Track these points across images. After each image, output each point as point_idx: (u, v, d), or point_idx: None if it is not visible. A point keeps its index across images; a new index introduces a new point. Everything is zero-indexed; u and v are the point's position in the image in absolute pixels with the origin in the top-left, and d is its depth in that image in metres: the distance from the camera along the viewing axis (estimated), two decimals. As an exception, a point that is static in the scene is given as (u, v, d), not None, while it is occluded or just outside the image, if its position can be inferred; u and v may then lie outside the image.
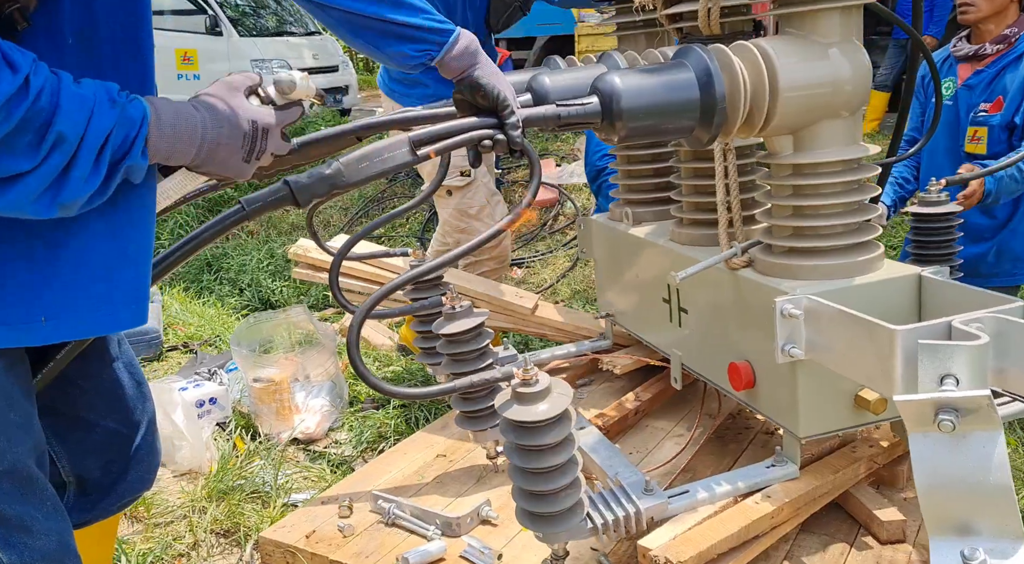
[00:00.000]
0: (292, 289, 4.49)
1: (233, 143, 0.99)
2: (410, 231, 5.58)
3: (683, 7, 1.76)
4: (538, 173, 1.36)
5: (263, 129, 1.02)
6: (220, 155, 0.99)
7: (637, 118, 1.38)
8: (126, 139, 0.89)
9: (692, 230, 1.85)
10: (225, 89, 1.02)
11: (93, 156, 0.87)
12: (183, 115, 0.95)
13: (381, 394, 1.39)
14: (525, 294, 2.42)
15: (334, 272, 1.74)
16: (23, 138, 0.82)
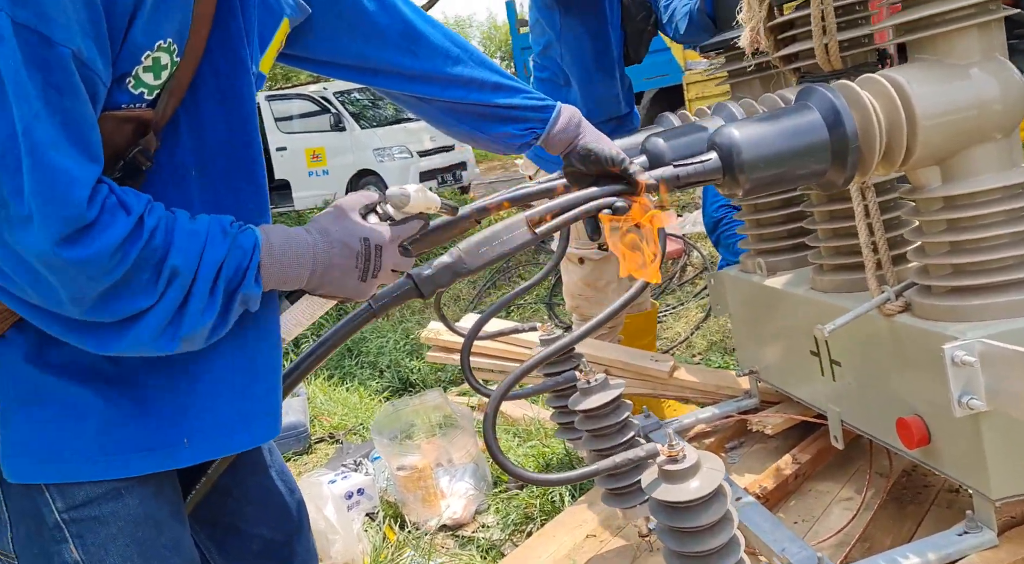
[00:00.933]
0: (430, 368, 4.56)
1: (346, 263, 0.99)
2: (538, 297, 5.59)
3: (798, 47, 1.69)
4: (663, 238, 1.30)
5: (376, 246, 1.01)
6: (334, 276, 0.99)
7: (761, 169, 1.30)
8: (239, 268, 0.91)
9: (835, 276, 1.72)
10: (338, 211, 1.03)
11: (208, 287, 0.88)
12: (294, 239, 0.96)
13: (525, 481, 1.34)
14: (661, 357, 2.33)
15: (465, 356, 1.73)
16: (141, 276, 0.84)
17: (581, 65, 2.42)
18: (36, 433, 0.92)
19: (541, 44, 2.52)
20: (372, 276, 1.01)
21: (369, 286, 1.02)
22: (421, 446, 2.42)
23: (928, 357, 1.38)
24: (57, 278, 0.81)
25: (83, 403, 0.92)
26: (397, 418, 2.51)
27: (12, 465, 0.93)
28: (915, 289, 1.46)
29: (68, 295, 0.82)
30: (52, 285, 0.81)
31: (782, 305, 1.90)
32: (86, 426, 0.92)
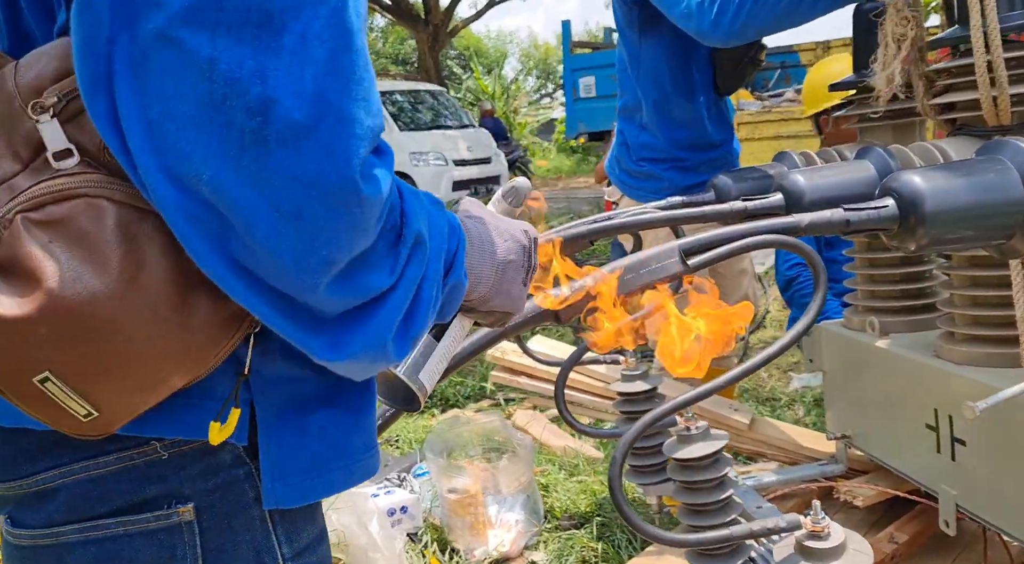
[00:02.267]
0: (450, 382, 4.43)
1: (517, 259, 0.79)
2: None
3: (958, 96, 1.56)
4: (824, 283, 1.17)
5: (534, 239, 0.82)
6: (509, 276, 0.78)
7: (944, 225, 1.18)
8: (449, 250, 0.69)
9: (970, 347, 1.58)
10: (472, 204, 0.83)
11: (441, 266, 0.67)
12: (481, 228, 0.77)
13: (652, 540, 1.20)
14: (741, 407, 2.19)
15: (560, 387, 1.60)
16: (380, 243, 0.61)
17: (658, 87, 2.31)
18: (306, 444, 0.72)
19: (622, 64, 2.42)
20: (530, 278, 0.81)
21: (525, 294, 0.82)
22: (472, 469, 2.29)
23: (1095, 453, 1.24)
24: (331, 219, 0.56)
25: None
26: (451, 436, 2.38)
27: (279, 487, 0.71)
28: (1084, 374, 1.32)
29: (326, 254, 0.57)
30: (299, 234, 0.56)
31: (897, 370, 1.76)
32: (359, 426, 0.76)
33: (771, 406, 3.75)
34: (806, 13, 1.86)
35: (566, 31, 10.90)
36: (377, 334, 0.63)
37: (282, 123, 0.53)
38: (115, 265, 0.57)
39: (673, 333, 1.06)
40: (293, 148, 0.54)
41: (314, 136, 0.54)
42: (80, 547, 0.67)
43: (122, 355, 0.58)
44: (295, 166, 0.54)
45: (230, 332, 0.63)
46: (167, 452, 0.67)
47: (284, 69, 0.53)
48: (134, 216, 0.58)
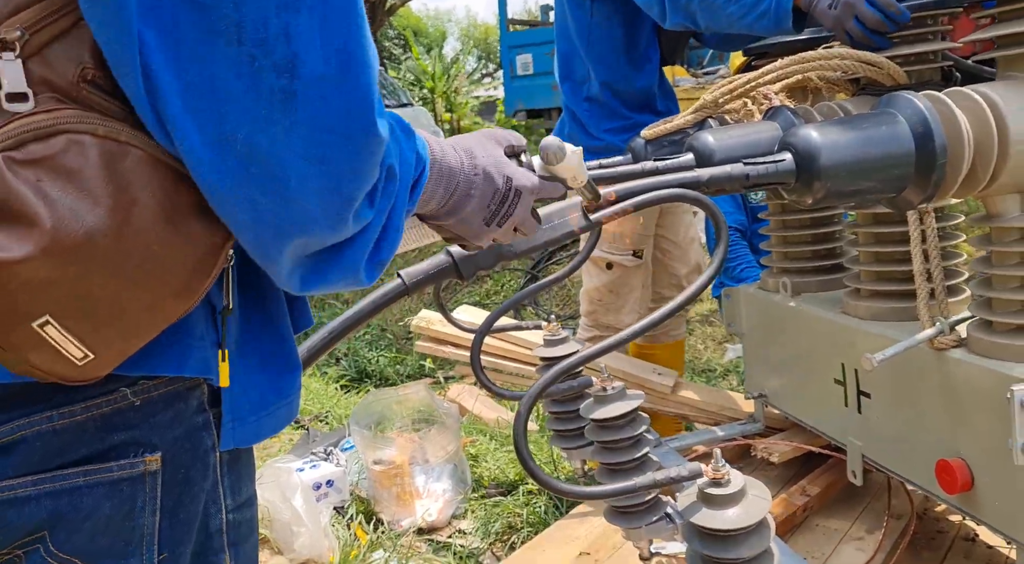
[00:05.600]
0: (388, 360, 4.41)
1: (484, 197, 0.82)
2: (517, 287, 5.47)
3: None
4: (725, 237, 1.18)
5: (516, 191, 0.85)
6: (466, 208, 0.81)
7: (839, 178, 1.20)
8: (415, 179, 0.73)
9: (873, 302, 1.63)
10: (487, 139, 0.86)
11: (407, 195, 0.70)
12: (448, 152, 0.80)
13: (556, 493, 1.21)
14: (664, 371, 2.22)
15: (475, 351, 1.59)
16: (378, 166, 0.64)
17: (610, 58, 2.29)
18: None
19: (567, 41, 2.39)
20: (498, 224, 0.85)
21: (489, 233, 0.86)
22: (399, 440, 2.27)
23: (984, 397, 1.29)
24: (356, 161, 0.60)
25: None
26: (377, 408, 2.36)
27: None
28: (974, 324, 1.37)
29: (349, 192, 0.61)
30: (325, 178, 0.59)
31: (807, 328, 1.81)
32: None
33: (707, 376, 3.82)
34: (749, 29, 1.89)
35: (502, 8, 10.83)
36: (353, 262, 0.66)
37: (310, 78, 0.56)
38: (107, 201, 0.55)
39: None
40: (321, 100, 0.57)
41: (340, 87, 0.58)
42: (32, 502, 0.63)
43: (120, 293, 0.58)
44: (325, 116, 0.58)
45: (212, 265, 0.63)
46: (138, 399, 0.65)
47: (305, 25, 0.56)
48: (117, 150, 0.57)
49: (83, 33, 0.56)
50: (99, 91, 0.57)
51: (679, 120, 1.77)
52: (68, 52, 0.56)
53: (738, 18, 1.84)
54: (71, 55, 0.56)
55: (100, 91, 0.57)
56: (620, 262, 2.34)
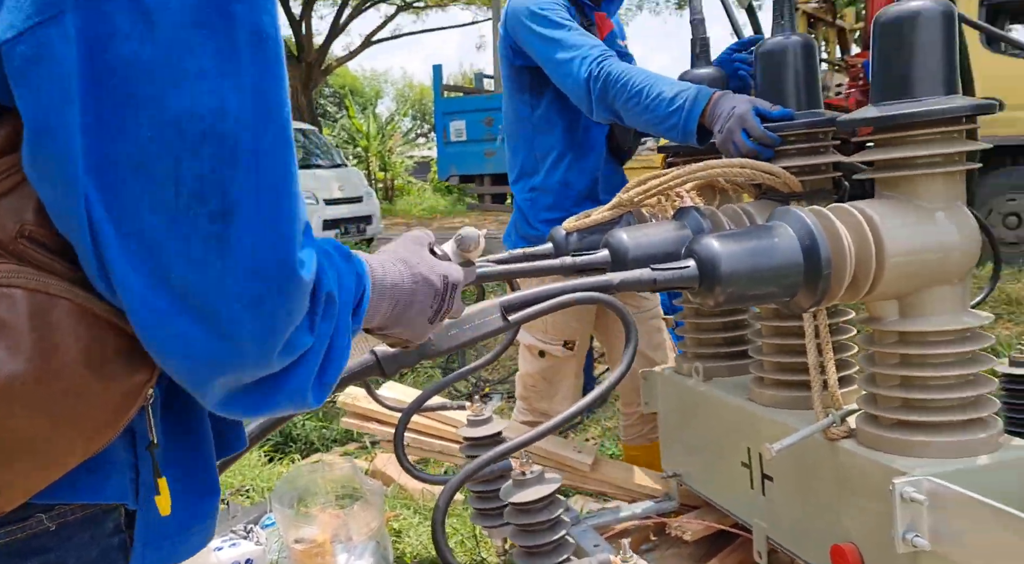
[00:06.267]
0: (314, 425, 4.36)
1: (425, 300, 0.89)
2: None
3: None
4: (634, 338, 1.28)
5: (452, 285, 0.93)
6: (411, 313, 0.88)
7: (737, 284, 1.31)
8: (356, 297, 0.78)
9: (775, 391, 1.74)
10: (413, 243, 0.94)
11: (349, 317, 0.75)
12: (388, 268, 0.86)
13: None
14: (584, 448, 2.29)
15: (399, 433, 1.63)
16: (308, 315, 0.69)
17: (551, 150, 2.37)
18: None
19: (512, 129, 2.46)
20: (439, 318, 0.92)
21: (432, 329, 0.93)
22: (321, 518, 2.26)
23: (871, 487, 1.40)
24: (284, 303, 0.64)
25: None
26: (299, 483, 2.34)
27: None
28: (861, 416, 1.49)
29: (282, 331, 0.65)
30: (259, 320, 0.63)
31: (717, 412, 1.91)
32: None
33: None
34: (663, 135, 2.04)
35: (437, 75, 11.08)
36: (298, 388, 0.70)
37: (243, 225, 0.61)
38: (30, 350, 0.59)
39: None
40: (253, 246, 0.62)
41: (269, 235, 0.62)
42: None
43: (39, 431, 0.60)
44: (258, 261, 0.62)
45: (132, 403, 0.66)
46: (54, 523, 0.67)
47: (242, 178, 0.61)
48: (47, 303, 0.60)
49: (25, 192, 0.61)
50: (36, 246, 0.61)
51: (597, 215, 1.88)
52: (9, 210, 0.61)
53: (652, 125, 1.98)
54: (12, 213, 0.61)
55: (37, 246, 0.61)
56: (551, 352, 2.40)
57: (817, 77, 1.77)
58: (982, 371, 1.39)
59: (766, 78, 1.76)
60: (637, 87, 1.97)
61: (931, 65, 1.32)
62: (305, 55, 17.51)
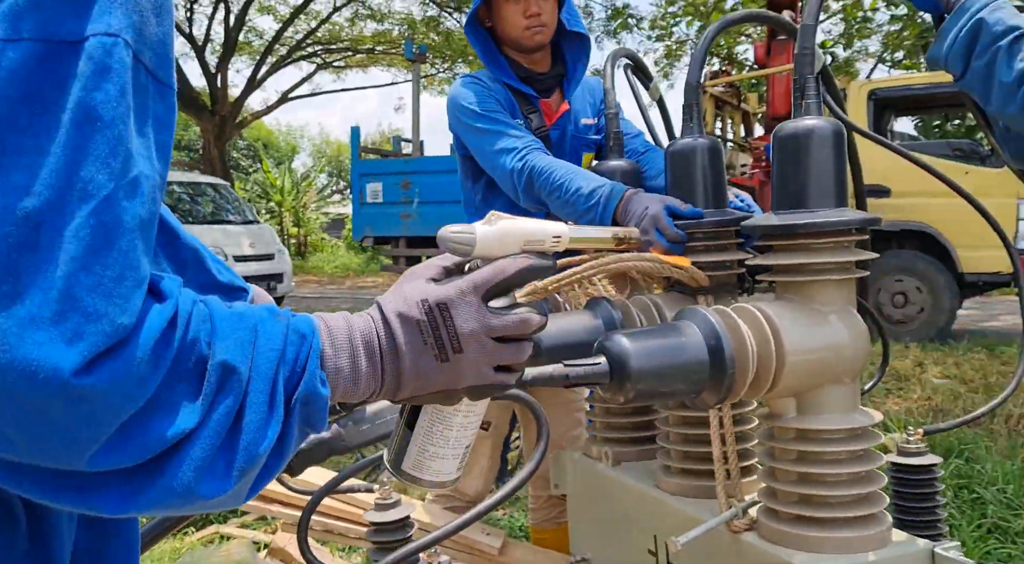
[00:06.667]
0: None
1: (412, 340, 0.74)
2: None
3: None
4: (546, 434, 1.29)
5: (439, 305, 0.75)
6: (406, 362, 0.74)
7: (646, 380, 1.35)
8: (297, 360, 0.68)
9: (681, 480, 1.78)
10: (404, 281, 0.79)
11: (268, 388, 0.65)
12: (354, 321, 0.74)
13: None
14: (493, 531, 2.27)
15: (304, 522, 1.58)
16: (178, 386, 0.61)
17: None
18: None
19: (463, 201, 2.53)
20: (454, 350, 0.74)
21: (459, 368, 0.75)
22: (214, 606, 2.15)
23: (771, 580, 1.43)
24: (64, 414, 0.55)
25: None
26: (193, 571, 2.23)
27: None
28: (762, 510, 1.53)
29: (70, 438, 0.56)
30: (45, 425, 0.55)
31: (625, 498, 1.93)
32: None
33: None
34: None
35: (355, 137, 11.11)
36: (178, 478, 0.61)
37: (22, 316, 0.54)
38: None
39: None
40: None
41: (45, 332, 0.55)
42: None
43: None
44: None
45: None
46: None
47: (38, 262, 0.55)
48: None
49: None
50: None
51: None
52: None
53: (573, 218, 2.05)
54: None
55: None
56: None
57: (723, 177, 1.87)
58: (873, 469, 1.46)
59: (675, 176, 1.85)
60: (558, 181, 2.06)
61: (823, 180, 1.42)
62: (219, 108, 17.28)
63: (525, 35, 2.29)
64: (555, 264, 0.89)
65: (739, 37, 15.93)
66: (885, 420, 5.16)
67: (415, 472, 0.85)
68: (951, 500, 3.76)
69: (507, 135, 2.22)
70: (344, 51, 21.44)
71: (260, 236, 11.58)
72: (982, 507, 3.71)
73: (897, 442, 1.98)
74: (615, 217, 1.93)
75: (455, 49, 19.05)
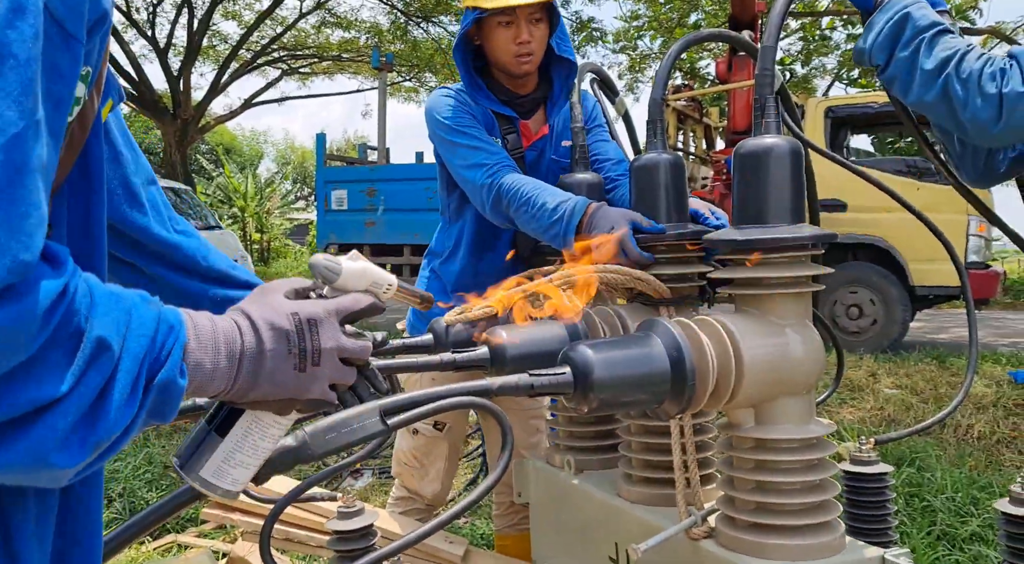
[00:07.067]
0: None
1: (277, 347, 0.80)
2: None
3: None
4: (510, 444, 1.31)
5: (308, 320, 0.82)
6: (267, 367, 0.80)
7: (609, 390, 1.38)
8: (163, 348, 0.71)
9: (642, 488, 1.81)
10: (259, 294, 0.86)
11: (136, 368, 0.68)
12: (218, 321, 0.79)
13: None
14: (456, 539, 2.28)
15: (267, 530, 1.58)
16: (55, 351, 0.63)
17: (467, 239, 2.45)
18: None
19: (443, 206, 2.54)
20: (313, 363, 0.82)
21: (311, 380, 0.83)
22: (172, 617, 2.12)
23: (728, 586, 1.47)
24: None
25: None
26: (151, 582, 2.19)
27: None
28: (720, 518, 1.57)
29: None
30: None
31: (586, 506, 1.96)
32: None
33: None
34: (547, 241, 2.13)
35: (320, 143, 11.05)
36: (39, 444, 0.62)
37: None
38: None
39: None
40: None
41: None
42: None
43: None
44: None
45: None
46: None
47: None
48: None
49: None
50: None
51: (478, 310, 1.92)
52: None
53: (539, 233, 2.08)
54: None
55: None
56: (422, 430, 2.41)
57: (685, 192, 1.91)
58: (827, 477, 1.50)
59: (639, 191, 1.89)
60: (525, 197, 2.09)
61: (781, 196, 1.47)
62: (181, 112, 17.04)
63: (513, 62, 2.30)
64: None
65: (701, 52, 16.19)
66: (839, 429, 5.28)
67: (214, 479, 0.87)
68: (902, 508, 3.86)
69: (479, 150, 2.25)
70: (310, 58, 21.30)
71: (222, 241, 11.42)
72: (932, 515, 3.81)
73: (850, 450, 2.04)
74: (579, 231, 1.96)
75: (422, 58, 19.03)
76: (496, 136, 2.36)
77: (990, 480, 4.19)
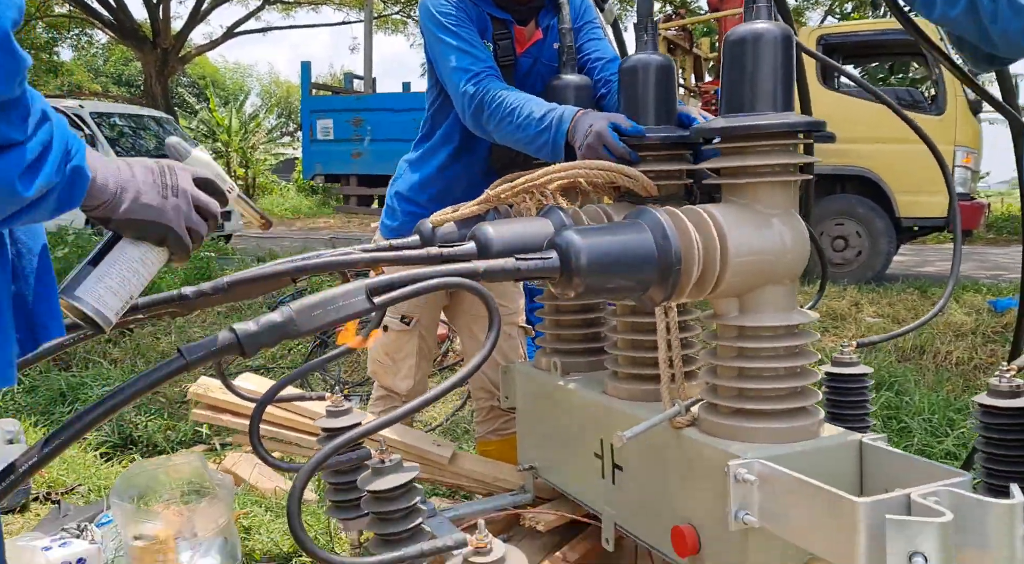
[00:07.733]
0: (157, 426, 4.16)
1: (146, 176, 1.06)
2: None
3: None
4: (497, 323, 1.31)
5: (168, 167, 1.10)
6: (137, 189, 1.04)
7: (595, 275, 1.38)
8: (75, 145, 0.94)
9: (629, 384, 1.84)
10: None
11: (64, 142, 0.91)
12: (103, 160, 1.02)
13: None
14: (443, 442, 2.31)
15: (255, 423, 1.60)
16: (19, 109, 0.85)
17: (450, 143, 2.42)
18: None
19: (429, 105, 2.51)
20: (173, 194, 1.07)
21: (173, 209, 1.07)
22: (164, 513, 2.16)
23: (709, 471, 1.50)
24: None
25: None
26: (141, 480, 2.23)
27: None
28: (703, 406, 1.59)
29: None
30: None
31: (573, 406, 1.98)
32: None
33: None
34: (533, 154, 2.10)
35: (305, 72, 10.82)
36: (7, 170, 0.84)
37: None
38: None
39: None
40: None
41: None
42: None
43: None
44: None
45: None
46: None
47: None
48: None
49: None
50: None
51: (465, 210, 1.91)
52: None
53: (524, 144, 2.05)
54: None
55: None
56: (391, 325, 2.45)
57: (674, 94, 1.89)
58: (807, 364, 1.52)
59: (627, 92, 1.86)
60: (510, 108, 2.05)
61: (770, 82, 1.45)
62: (161, 40, 16.60)
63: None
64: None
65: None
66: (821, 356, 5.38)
67: (83, 294, 1.03)
68: (880, 429, 3.95)
69: (467, 54, 2.19)
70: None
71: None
72: (909, 436, 3.90)
73: (832, 355, 2.07)
74: (570, 142, 1.94)
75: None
76: (488, 40, 2.31)
77: (966, 402, 4.28)
